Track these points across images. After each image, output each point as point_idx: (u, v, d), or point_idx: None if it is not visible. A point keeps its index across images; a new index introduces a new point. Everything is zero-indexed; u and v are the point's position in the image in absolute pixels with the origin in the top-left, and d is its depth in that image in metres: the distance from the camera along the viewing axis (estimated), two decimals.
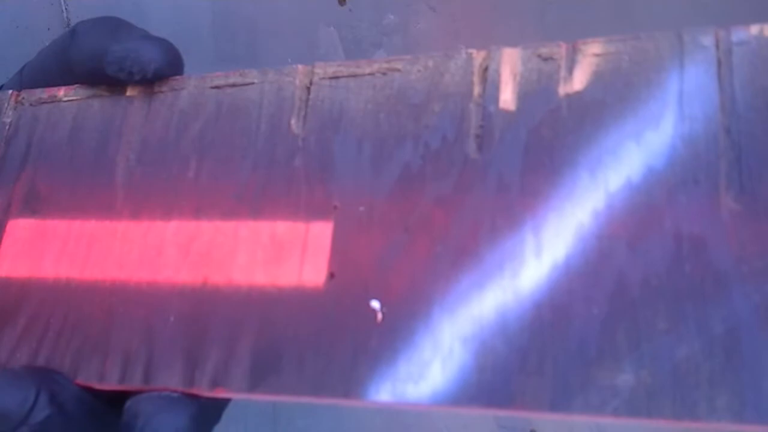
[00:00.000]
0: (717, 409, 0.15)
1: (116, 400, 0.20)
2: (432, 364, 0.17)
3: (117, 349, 0.20)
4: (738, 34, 0.18)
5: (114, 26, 0.24)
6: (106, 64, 0.23)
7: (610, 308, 0.16)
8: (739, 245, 0.16)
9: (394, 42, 0.37)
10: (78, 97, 0.24)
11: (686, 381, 0.15)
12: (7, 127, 0.24)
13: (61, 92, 0.24)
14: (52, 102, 0.24)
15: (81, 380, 0.20)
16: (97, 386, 0.20)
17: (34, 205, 0.23)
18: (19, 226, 0.23)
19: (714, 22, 0.19)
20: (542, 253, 0.17)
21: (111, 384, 0.20)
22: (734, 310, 0.15)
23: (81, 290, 0.21)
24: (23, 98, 0.25)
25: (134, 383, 0.19)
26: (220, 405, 0.20)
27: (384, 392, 0.17)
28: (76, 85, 0.24)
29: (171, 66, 0.22)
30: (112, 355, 0.20)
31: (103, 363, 0.20)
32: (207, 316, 0.19)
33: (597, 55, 0.19)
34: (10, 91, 0.25)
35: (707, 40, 0.18)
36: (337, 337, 0.18)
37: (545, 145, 0.18)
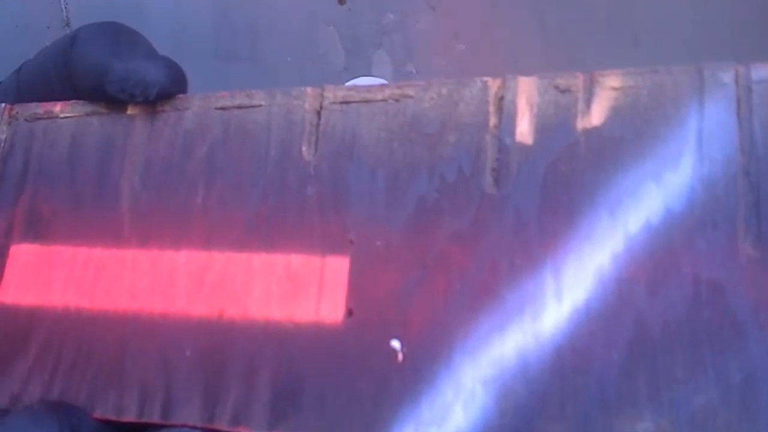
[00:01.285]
0: None
1: (133, 431, 0.20)
2: (454, 406, 0.17)
3: (133, 382, 0.20)
4: (758, 71, 0.18)
5: (116, 37, 0.23)
6: (106, 84, 0.22)
7: (629, 353, 0.17)
8: (757, 292, 0.16)
9: (394, 41, 0.36)
10: (76, 114, 0.23)
11: (704, 430, 0.16)
12: (2, 144, 0.24)
13: (57, 108, 0.23)
14: (49, 118, 0.23)
15: (98, 414, 0.20)
16: (115, 419, 0.20)
17: (37, 229, 0.22)
18: (23, 252, 0.22)
19: (712, 19, 0.18)
20: (563, 297, 0.17)
21: (129, 417, 0.20)
22: (751, 357, 0.16)
23: (92, 320, 0.21)
24: (17, 113, 0.24)
25: (153, 418, 0.19)
26: None
27: None
28: (73, 101, 0.23)
29: (174, 87, 0.22)
30: (129, 389, 0.20)
31: (120, 397, 0.20)
32: (224, 351, 0.19)
33: (615, 88, 0.19)
34: (3, 105, 0.24)
35: (727, 77, 0.18)
36: (358, 377, 0.18)
37: (563, 182, 0.18)
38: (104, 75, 0.22)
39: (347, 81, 0.39)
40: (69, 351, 0.21)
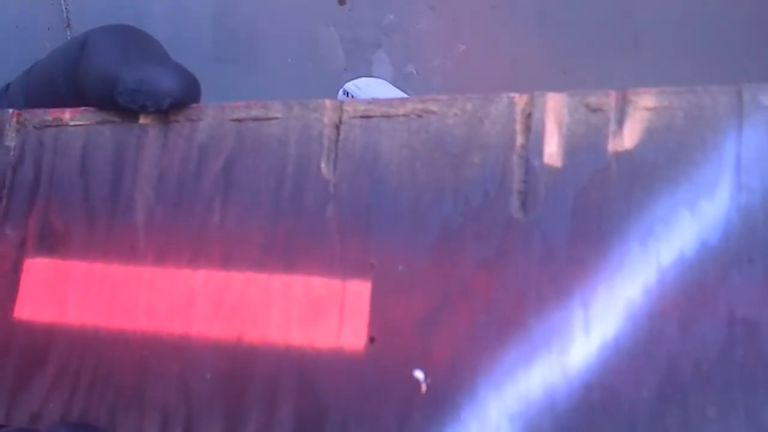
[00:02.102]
0: None
1: None
2: None
3: (154, 405, 0.20)
4: None
5: (127, 43, 0.22)
6: (117, 94, 0.21)
7: (660, 392, 0.16)
8: None
9: (394, 42, 0.35)
10: (86, 122, 0.22)
11: None
12: (11, 152, 0.23)
13: (66, 115, 0.23)
14: (58, 126, 0.23)
15: None
16: None
17: (50, 243, 0.22)
18: (37, 266, 0.22)
19: (713, 19, 0.18)
20: (591, 330, 0.17)
21: None
22: None
23: (110, 339, 0.21)
24: (26, 119, 0.23)
25: None
26: None
27: None
28: (83, 108, 0.23)
29: (187, 97, 0.21)
30: (149, 412, 0.20)
31: (141, 420, 0.20)
32: (244, 376, 0.19)
33: (649, 109, 0.18)
34: (11, 110, 0.23)
35: None
36: (380, 407, 0.18)
37: (593, 209, 0.18)
38: (114, 85, 0.21)
39: (348, 81, 0.38)
40: (87, 370, 0.20)
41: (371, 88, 0.40)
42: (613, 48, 0.36)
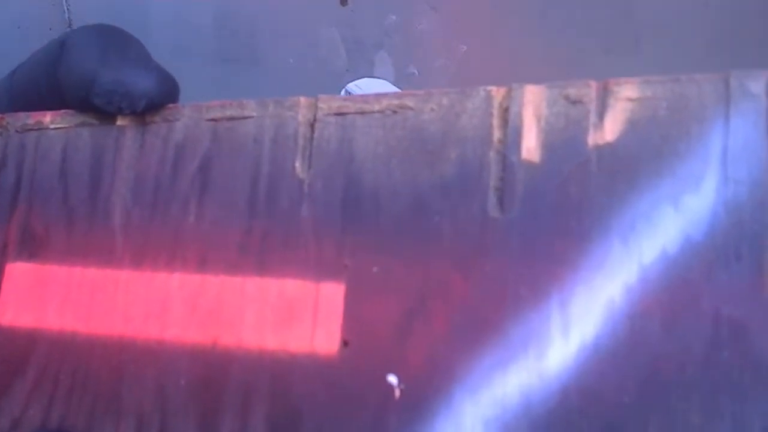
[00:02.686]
0: None
1: None
2: None
3: (130, 410, 0.19)
4: None
5: (106, 44, 0.22)
6: (93, 96, 0.21)
7: (642, 396, 0.15)
8: None
9: (396, 42, 0.34)
10: (66, 125, 0.22)
11: None
12: None
13: (47, 118, 0.23)
14: (39, 129, 0.23)
15: None
16: None
17: (31, 248, 0.22)
18: (18, 271, 0.22)
19: (713, 19, 0.17)
20: (570, 332, 0.16)
21: None
22: None
23: (88, 345, 0.20)
24: (8, 123, 0.23)
25: None
26: None
27: None
28: (63, 111, 0.22)
29: (163, 99, 0.21)
30: (125, 418, 0.19)
31: (117, 425, 0.19)
32: (219, 382, 0.19)
33: (631, 99, 0.17)
34: None
35: (756, 87, 0.16)
36: (354, 412, 0.17)
37: (573, 205, 0.17)
38: (91, 86, 0.21)
39: (349, 82, 0.37)
40: (66, 376, 0.20)
41: (373, 88, 0.40)
42: (613, 48, 0.35)
